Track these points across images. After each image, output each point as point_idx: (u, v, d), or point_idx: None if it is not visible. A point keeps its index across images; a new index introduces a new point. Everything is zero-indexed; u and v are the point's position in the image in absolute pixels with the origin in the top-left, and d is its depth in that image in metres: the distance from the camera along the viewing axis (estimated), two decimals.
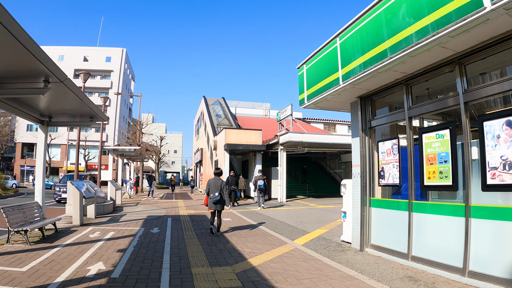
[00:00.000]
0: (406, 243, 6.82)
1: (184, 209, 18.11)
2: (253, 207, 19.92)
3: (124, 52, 70.27)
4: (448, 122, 6.55)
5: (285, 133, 22.79)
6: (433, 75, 6.56)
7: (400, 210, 7.10)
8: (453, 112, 6.63)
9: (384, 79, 7.19)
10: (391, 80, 7.24)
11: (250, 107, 48.90)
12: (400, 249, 7.03)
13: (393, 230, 7.28)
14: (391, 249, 7.28)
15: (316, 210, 18.34)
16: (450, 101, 6.16)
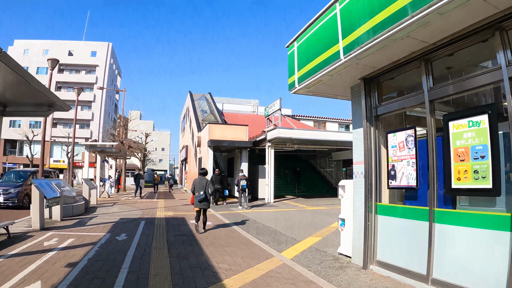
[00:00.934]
0: (425, 262, 5.27)
1: (162, 211, 16.55)
2: (237, 208, 18.39)
3: (110, 47, 68.67)
4: (487, 105, 5.02)
5: (273, 128, 21.21)
6: (464, 44, 4.98)
7: (417, 220, 5.54)
8: (490, 92, 5.12)
9: (397, 52, 5.62)
10: (405, 54, 5.66)
11: (238, 103, 47.34)
12: (416, 269, 5.47)
13: (407, 244, 5.73)
14: (404, 268, 5.72)
15: (306, 212, 16.79)
16: (488, 78, 4.61)
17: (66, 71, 65.96)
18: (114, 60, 73.85)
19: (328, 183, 33.49)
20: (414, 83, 5.99)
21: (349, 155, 27.58)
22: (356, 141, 7.14)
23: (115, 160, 35.56)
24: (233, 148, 23.34)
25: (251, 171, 23.42)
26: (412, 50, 5.52)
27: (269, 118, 25.00)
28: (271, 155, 22.00)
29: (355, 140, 7.19)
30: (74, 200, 15.31)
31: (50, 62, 16.48)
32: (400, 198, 6.55)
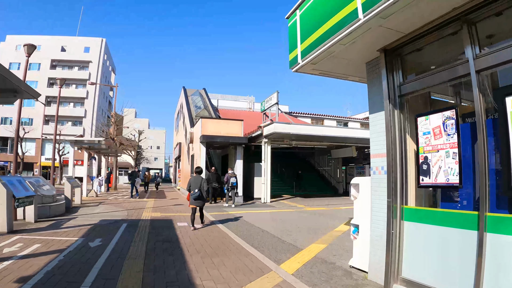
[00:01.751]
0: (472, 283, 3.95)
1: (150, 211, 15.21)
2: (229, 209, 17.08)
3: (104, 42, 67.19)
4: None
5: (270, 123, 19.86)
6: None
7: (459, 228, 4.18)
8: None
9: (434, 9, 4.27)
10: (443, 12, 4.32)
11: (233, 99, 46.07)
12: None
13: (444, 259, 4.37)
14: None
15: (306, 213, 15.46)
16: None
17: (59, 67, 64.52)
18: (108, 57, 72.34)
19: (327, 182, 32.19)
20: (449, 55, 4.68)
21: (349, 153, 26.44)
22: (374, 129, 5.80)
23: (105, 157, 34.14)
24: (227, 144, 21.94)
25: (246, 169, 22.10)
26: (452, 6, 4.18)
27: (266, 113, 23.66)
28: (268, 152, 20.66)
29: (373, 127, 5.84)
30: (53, 200, 14.09)
31: (26, 48, 14.90)
32: (430, 199, 5.21)
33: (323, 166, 33.94)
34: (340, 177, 30.62)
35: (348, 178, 29.60)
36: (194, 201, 10.71)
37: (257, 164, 22.39)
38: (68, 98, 63.16)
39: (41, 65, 62.60)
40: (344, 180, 30.42)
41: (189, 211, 12.72)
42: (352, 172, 28.77)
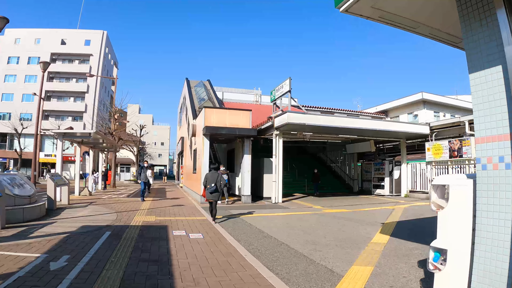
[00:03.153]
0: None
1: (143, 214, 13.05)
2: (237, 210, 14.87)
3: (105, 35, 65.22)
4: None
5: (282, 113, 17.54)
6: None
7: None
8: None
9: None
10: None
11: (239, 92, 43.76)
12: None
13: None
14: None
15: (326, 217, 13.16)
16: None
17: (59, 60, 62.69)
18: (109, 50, 70.32)
19: (340, 179, 29.85)
20: None
21: (367, 148, 23.88)
22: (480, 96, 3.50)
23: (104, 153, 31.97)
24: (233, 137, 19.58)
25: (254, 165, 19.84)
26: None
27: (276, 104, 21.35)
28: (279, 145, 18.36)
29: (478, 93, 3.54)
30: (30, 201, 11.94)
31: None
32: None
33: (336, 162, 31.63)
34: (355, 174, 28.25)
35: (364, 175, 27.35)
36: (210, 195, 11.47)
37: (266, 160, 20.15)
38: (68, 92, 61.64)
39: (40, 58, 60.47)
40: (360, 177, 28.10)
41: (190, 214, 12.14)
42: (368, 169, 26.42)
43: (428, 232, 9.50)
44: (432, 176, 20.22)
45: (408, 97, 43.42)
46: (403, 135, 21.74)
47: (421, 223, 11.78)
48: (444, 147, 19.41)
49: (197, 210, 14.77)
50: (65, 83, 61.86)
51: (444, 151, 19.39)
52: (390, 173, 23.28)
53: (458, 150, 18.57)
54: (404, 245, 8.11)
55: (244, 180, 18.41)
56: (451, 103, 43.85)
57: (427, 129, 20.93)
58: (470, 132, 18.36)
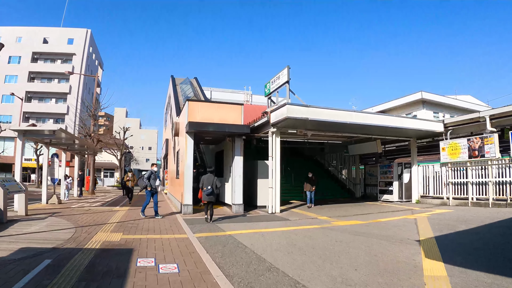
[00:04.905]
0: None
1: (108, 231, 10.30)
2: (227, 223, 12.25)
3: (89, 34, 62.38)
4: None
5: (279, 106, 14.84)
6: None
7: None
8: None
9: None
10: None
11: (229, 92, 41.32)
12: None
13: None
14: None
15: (341, 233, 10.38)
16: None
17: (41, 60, 59.88)
18: (94, 49, 67.25)
19: (341, 184, 27.24)
20: None
21: (373, 149, 20.67)
22: None
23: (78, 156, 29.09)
24: (222, 136, 16.68)
25: (247, 169, 17.16)
26: None
27: (271, 98, 18.74)
28: (277, 145, 15.64)
29: None
30: None
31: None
32: None
33: (336, 165, 29.03)
34: (357, 178, 25.68)
35: (368, 179, 24.84)
36: (206, 197, 12.30)
37: (261, 162, 17.46)
38: (50, 93, 58.82)
39: (21, 58, 57.80)
40: (363, 182, 25.55)
41: (168, 229, 10.69)
42: (373, 172, 23.88)
43: (486, 253, 7.23)
44: (448, 179, 17.74)
45: (407, 97, 41.59)
46: (414, 134, 19.22)
47: (464, 239, 9.20)
48: (463, 146, 17.02)
49: (177, 223, 12.12)
50: (47, 84, 58.94)
51: (462, 150, 17.00)
52: (399, 177, 20.71)
53: (479, 149, 16.18)
54: (475, 279, 5.52)
55: (235, 186, 15.63)
56: (450, 103, 42.34)
57: (441, 126, 18.45)
58: (491, 129, 16.02)
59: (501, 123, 16.40)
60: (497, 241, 8.69)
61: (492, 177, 15.80)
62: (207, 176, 12.56)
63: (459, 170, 17.49)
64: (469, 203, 16.51)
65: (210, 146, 23.16)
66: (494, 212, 13.63)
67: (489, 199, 15.71)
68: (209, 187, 12.22)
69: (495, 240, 8.76)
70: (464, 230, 10.25)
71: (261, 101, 34.51)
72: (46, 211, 14.83)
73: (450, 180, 17.65)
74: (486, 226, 10.80)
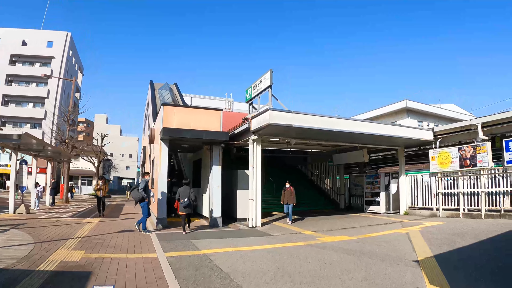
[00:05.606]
0: None
1: (70, 247, 9.09)
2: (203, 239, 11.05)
3: (69, 37, 60.83)
4: None
5: (261, 112, 13.78)
6: None
7: None
8: None
9: None
10: None
11: (210, 99, 40.25)
12: None
13: None
14: None
15: (331, 251, 9.24)
16: None
17: (19, 62, 58.18)
18: (74, 53, 65.49)
19: (324, 195, 26.20)
20: None
21: (359, 158, 19.25)
22: None
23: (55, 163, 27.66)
24: (199, 143, 15.51)
25: (226, 179, 16.05)
26: None
27: (252, 104, 17.70)
28: (258, 154, 14.56)
29: None
30: None
31: None
32: None
33: (320, 174, 28.04)
34: (342, 188, 24.71)
35: (353, 189, 23.90)
36: (184, 209, 12.27)
37: (241, 172, 16.34)
38: (27, 97, 57.15)
39: None
40: (348, 192, 24.59)
41: (136, 247, 9.59)
42: (359, 182, 22.94)
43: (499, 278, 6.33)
44: (438, 189, 16.91)
45: (391, 105, 41.22)
46: (402, 142, 18.37)
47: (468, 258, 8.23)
48: (453, 155, 16.26)
49: (148, 239, 10.92)
50: (25, 87, 57.14)
51: (453, 159, 16.24)
52: (387, 187, 19.81)
53: (471, 158, 15.43)
54: None
55: (212, 198, 14.45)
56: (435, 112, 42.13)
57: (430, 135, 17.66)
58: (483, 137, 15.27)
59: (493, 131, 15.71)
60: (508, 261, 7.70)
61: (485, 187, 15.05)
62: (183, 188, 12.54)
63: (449, 180, 16.73)
64: (460, 215, 15.72)
65: (188, 154, 21.97)
66: (490, 224, 12.79)
67: (481, 210, 14.94)
68: (186, 199, 12.25)
69: (507, 261, 7.75)
70: (465, 246, 9.29)
71: (243, 108, 33.39)
72: (10, 222, 13.56)
73: (440, 191, 16.85)
74: (488, 242, 9.87)
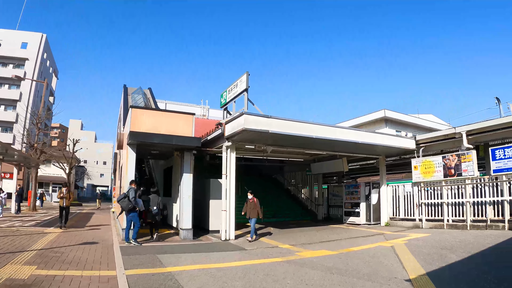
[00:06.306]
0: None
1: (21, 262, 8.05)
2: (171, 254, 9.89)
3: (44, 38, 58.74)
4: None
5: (236, 117, 12.81)
6: None
7: None
8: None
9: None
10: None
11: (185, 105, 39.21)
12: None
13: None
14: None
15: (310, 269, 8.18)
16: None
17: None
18: (48, 56, 63.27)
19: (302, 205, 25.34)
20: None
21: (338, 167, 18.34)
22: None
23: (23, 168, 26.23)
24: (169, 149, 14.42)
25: (199, 188, 15.04)
26: None
27: (227, 109, 16.76)
28: (232, 161, 13.59)
29: None
30: None
31: None
32: None
33: (297, 184, 27.18)
34: (320, 199, 23.90)
35: (332, 199, 23.11)
36: (152, 217, 12.54)
37: (213, 181, 15.34)
38: None
39: None
40: (326, 202, 23.77)
41: (95, 263, 8.48)
42: (338, 192, 22.19)
43: None
44: (421, 199, 16.23)
45: (370, 115, 40.99)
46: (384, 151, 17.69)
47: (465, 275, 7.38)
48: (437, 164, 15.65)
49: (111, 253, 9.84)
50: None
51: (436, 169, 15.63)
52: (367, 197, 19.06)
53: (455, 167, 14.82)
54: None
55: (183, 208, 13.34)
56: (413, 122, 41.98)
57: (412, 143, 17.04)
58: (468, 145, 14.70)
59: (478, 139, 15.16)
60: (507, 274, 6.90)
61: (470, 197, 14.42)
62: (152, 196, 12.66)
63: (433, 190, 16.09)
64: (444, 226, 15.05)
65: (160, 161, 20.84)
66: (478, 236, 12.09)
67: (466, 220, 14.29)
68: (155, 207, 12.42)
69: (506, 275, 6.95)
70: (458, 261, 8.50)
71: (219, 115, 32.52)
72: None
73: (423, 201, 16.17)
74: (480, 255, 9.13)
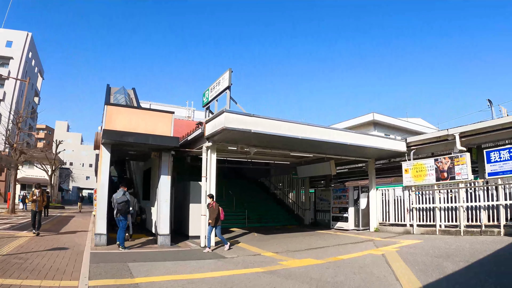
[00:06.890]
0: None
1: None
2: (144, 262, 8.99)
3: (29, 37, 57.50)
4: None
5: (217, 114, 11.98)
6: None
7: None
8: None
9: None
10: None
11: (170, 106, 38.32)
12: None
13: None
14: None
15: (294, 283, 7.31)
16: None
17: None
18: (34, 55, 61.93)
19: (288, 210, 24.63)
20: None
21: (326, 170, 16.94)
22: None
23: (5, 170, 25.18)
24: (146, 149, 13.49)
25: (178, 191, 14.25)
26: None
27: (209, 108, 15.96)
28: (212, 163, 12.76)
29: None
30: None
31: None
32: None
33: (283, 187, 26.44)
34: (307, 203, 23.18)
35: (319, 204, 22.34)
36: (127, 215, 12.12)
37: (194, 184, 14.55)
38: None
39: None
40: (313, 207, 23.02)
41: (59, 273, 7.52)
42: (325, 196, 21.43)
43: None
44: (412, 204, 15.56)
45: (358, 118, 40.71)
46: (374, 153, 17.00)
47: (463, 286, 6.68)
48: (429, 167, 15.05)
49: (79, 260, 9.00)
50: None
51: (428, 172, 15.03)
52: (356, 202, 18.35)
53: (448, 171, 14.23)
54: None
55: (160, 213, 12.51)
56: (402, 125, 41.85)
57: (403, 145, 16.41)
58: (461, 148, 14.13)
59: (471, 141, 14.60)
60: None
61: (464, 202, 13.78)
62: (130, 198, 12.32)
63: (424, 194, 15.42)
64: (436, 231, 14.41)
65: (140, 163, 19.93)
66: (473, 242, 11.40)
67: (460, 226, 13.67)
68: (131, 208, 12.12)
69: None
70: (456, 272, 7.72)
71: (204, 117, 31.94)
72: None
73: (414, 206, 15.51)
74: (479, 264, 8.38)
